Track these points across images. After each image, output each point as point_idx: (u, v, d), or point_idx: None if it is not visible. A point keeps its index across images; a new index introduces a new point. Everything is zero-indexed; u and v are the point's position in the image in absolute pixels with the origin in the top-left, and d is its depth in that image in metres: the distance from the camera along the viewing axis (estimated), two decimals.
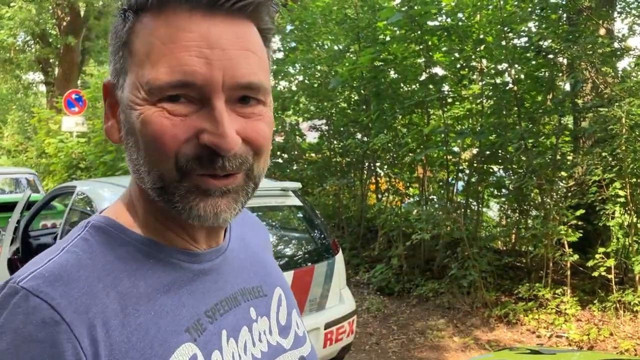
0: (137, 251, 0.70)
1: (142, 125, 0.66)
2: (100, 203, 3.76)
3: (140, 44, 0.67)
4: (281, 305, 0.89)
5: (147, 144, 0.66)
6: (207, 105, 0.65)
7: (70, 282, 0.63)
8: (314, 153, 9.40)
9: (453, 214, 6.30)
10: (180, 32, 0.65)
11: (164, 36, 0.65)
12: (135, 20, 0.69)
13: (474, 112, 6.92)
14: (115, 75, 0.72)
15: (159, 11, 0.66)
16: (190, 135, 0.65)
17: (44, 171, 13.89)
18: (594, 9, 6.12)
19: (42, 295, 0.61)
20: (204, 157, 0.65)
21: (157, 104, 0.65)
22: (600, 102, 5.51)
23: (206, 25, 0.65)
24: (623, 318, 4.95)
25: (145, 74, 0.66)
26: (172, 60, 0.64)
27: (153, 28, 0.66)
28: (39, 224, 6.98)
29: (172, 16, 0.65)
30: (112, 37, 0.72)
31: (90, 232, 0.71)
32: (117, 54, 0.71)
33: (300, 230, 4.25)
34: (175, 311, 0.69)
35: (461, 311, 5.67)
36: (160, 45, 0.65)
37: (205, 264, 0.76)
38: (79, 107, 12.24)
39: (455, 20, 6.70)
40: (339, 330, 3.78)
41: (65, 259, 0.66)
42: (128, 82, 0.69)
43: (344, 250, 7.63)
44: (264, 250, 0.95)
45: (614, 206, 5.09)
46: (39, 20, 15.36)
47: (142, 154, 0.67)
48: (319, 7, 8.98)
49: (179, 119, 0.65)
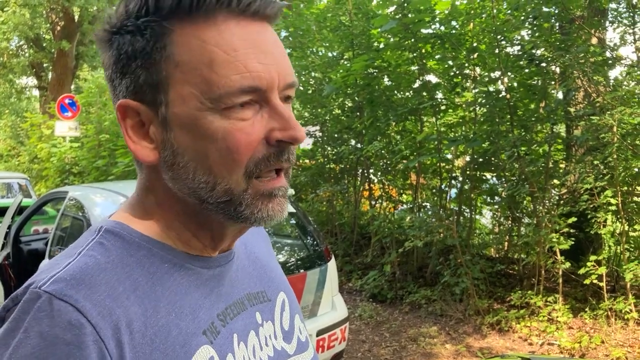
0: (152, 255, 0.71)
1: (212, 140, 0.66)
2: (92, 208, 3.75)
3: (192, 54, 0.66)
4: (284, 310, 0.90)
5: (219, 159, 0.67)
6: (266, 106, 0.68)
7: (93, 285, 0.63)
8: (308, 159, 9.40)
9: (446, 221, 6.31)
10: (237, 39, 0.66)
11: (223, 45, 0.65)
12: (174, 31, 0.66)
13: (467, 120, 6.95)
14: (148, 92, 0.68)
15: (206, 20, 0.66)
16: (260, 137, 0.68)
17: (36, 176, 13.85)
18: (586, 19, 6.16)
19: (66, 298, 0.61)
20: (272, 156, 0.69)
21: (224, 112, 0.66)
22: (592, 111, 5.54)
23: (255, 32, 0.68)
24: (614, 326, 4.96)
25: (212, 82, 0.65)
26: (240, 67, 0.65)
27: (206, 37, 0.66)
28: (30, 229, 6.94)
29: (224, 24, 0.66)
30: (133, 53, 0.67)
31: (105, 237, 0.71)
32: (150, 69, 0.67)
33: (293, 237, 4.24)
34: (193, 314, 0.71)
35: (453, 318, 5.67)
36: (223, 54, 0.65)
37: (215, 269, 0.77)
38: (72, 112, 12.19)
39: (448, 28, 6.73)
40: (331, 337, 3.77)
41: (84, 262, 0.66)
42: (176, 96, 0.67)
43: (337, 256, 7.62)
44: (266, 256, 0.95)
45: (605, 214, 5.12)
46: (33, 24, 15.32)
47: (205, 171, 0.68)
48: (313, 13, 9.01)
49: (249, 124, 0.67)
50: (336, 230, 8.35)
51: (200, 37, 0.66)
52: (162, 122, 0.69)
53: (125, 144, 0.75)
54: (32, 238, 5.39)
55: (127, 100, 0.70)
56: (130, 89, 0.69)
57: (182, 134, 0.68)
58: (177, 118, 0.67)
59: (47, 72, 19.66)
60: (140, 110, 0.70)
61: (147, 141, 0.71)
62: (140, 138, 0.71)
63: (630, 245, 5.74)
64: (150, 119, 0.70)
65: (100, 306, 0.62)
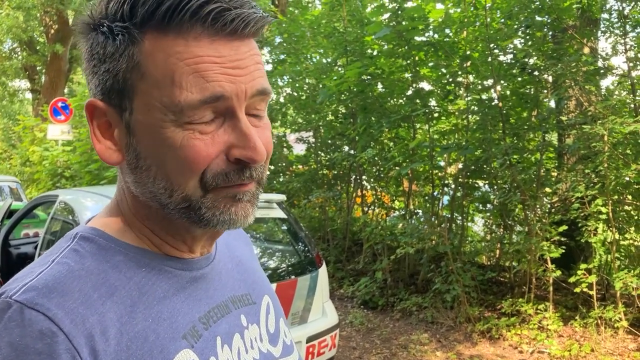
0: (129, 260, 0.70)
1: (170, 148, 0.66)
2: (83, 212, 3.72)
3: (157, 67, 0.66)
4: (269, 313, 0.90)
5: (175, 167, 0.67)
6: (231, 119, 0.67)
7: (65, 293, 0.62)
8: (301, 165, 9.40)
9: (438, 228, 6.32)
10: (205, 55, 0.65)
11: (189, 59, 0.65)
12: (144, 41, 0.66)
13: (460, 127, 6.97)
14: (114, 97, 0.69)
15: (178, 34, 0.65)
16: (219, 151, 0.67)
17: (28, 179, 13.78)
18: (578, 28, 6.21)
19: (37, 307, 0.60)
20: (231, 172, 0.68)
21: (184, 125, 0.65)
22: (583, 120, 5.57)
23: (227, 49, 0.66)
24: (604, 334, 4.97)
25: (174, 96, 0.65)
26: (201, 80, 0.65)
27: (173, 51, 0.65)
28: (20, 232, 6.90)
29: (194, 40, 0.65)
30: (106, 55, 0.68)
31: (80, 243, 0.70)
32: (117, 75, 0.68)
33: (284, 243, 4.23)
34: (172, 318, 0.70)
35: (444, 326, 5.67)
36: (186, 68, 0.65)
37: (196, 271, 0.77)
38: (65, 116, 12.15)
39: (442, 36, 6.76)
40: (322, 344, 3.76)
41: (57, 270, 0.65)
42: (140, 104, 0.67)
43: (329, 263, 7.61)
44: (249, 259, 0.95)
45: (596, 223, 5.14)
46: (27, 27, 15.31)
47: (164, 178, 0.68)
48: (307, 20, 9.04)
49: (209, 137, 0.66)
50: (328, 237, 8.34)
51: (167, 51, 0.65)
52: (126, 126, 0.69)
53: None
54: (22, 242, 5.35)
55: (95, 100, 0.70)
56: (99, 89, 0.70)
57: (145, 140, 0.68)
58: (141, 125, 0.68)
59: (40, 75, 19.60)
60: (107, 112, 0.70)
61: (112, 142, 0.71)
62: (106, 138, 0.71)
63: (620, 254, 5.76)
64: (116, 122, 0.70)
65: (73, 314, 0.61)
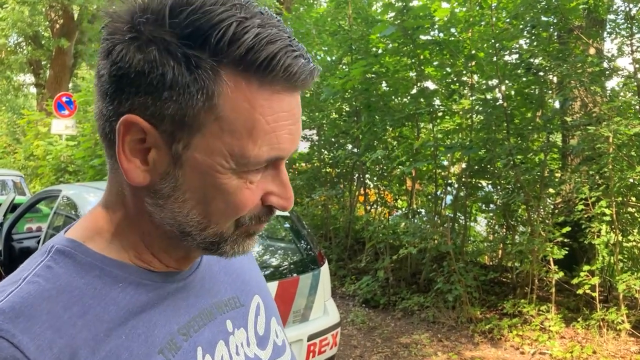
0: (105, 275, 0.68)
1: (221, 192, 0.66)
2: (85, 207, 3.73)
3: (237, 115, 0.63)
4: (259, 314, 0.87)
5: (221, 209, 0.67)
6: (275, 169, 0.69)
7: (33, 317, 0.60)
8: (304, 163, 9.39)
9: (440, 227, 6.31)
10: (280, 111, 0.65)
11: (267, 115, 0.64)
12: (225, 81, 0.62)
13: (464, 127, 6.96)
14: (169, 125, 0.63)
15: (262, 84, 0.63)
16: (259, 197, 0.69)
17: (31, 173, 13.80)
18: (584, 29, 6.18)
19: (2, 333, 0.58)
20: (264, 215, 0.71)
21: (241, 174, 0.66)
22: (588, 121, 5.55)
23: (293, 103, 0.67)
24: (606, 336, 4.96)
25: (245, 148, 0.63)
26: (273, 139, 0.65)
27: (258, 104, 0.63)
28: (23, 226, 6.92)
29: (274, 93, 0.64)
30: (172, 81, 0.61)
31: (54, 258, 0.67)
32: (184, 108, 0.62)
33: (287, 241, 4.23)
34: (148, 333, 0.67)
35: (446, 326, 5.66)
36: (265, 125, 0.64)
37: (177, 283, 0.75)
38: (70, 110, 12.18)
39: (447, 35, 6.74)
40: (323, 342, 3.76)
41: (26, 291, 0.62)
42: (203, 144, 0.63)
43: (331, 261, 7.61)
44: (240, 258, 0.91)
45: (599, 224, 5.12)
46: (32, 21, 15.30)
47: (202, 214, 0.67)
48: (312, 17, 9.02)
49: (254, 185, 0.68)
50: (330, 235, 8.34)
51: (251, 102, 0.63)
52: (173, 156, 0.65)
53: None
54: (24, 236, 5.36)
55: (138, 118, 0.63)
56: (149, 111, 0.63)
57: (194, 177, 0.65)
58: (195, 163, 0.64)
59: (45, 69, 19.65)
60: (150, 134, 0.64)
61: (141, 162, 0.66)
62: (135, 157, 0.65)
63: (623, 256, 5.74)
64: (158, 146, 0.65)
65: (39, 339, 0.59)
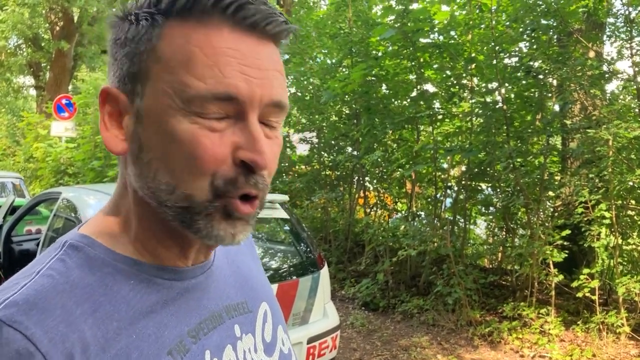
0: (117, 272, 0.68)
1: (175, 141, 0.64)
2: (85, 210, 3.72)
3: (173, 51, 0.64)
4: (267, 321, 0.87)
5: (181, 163, 0.64)
6: (242, 121, 0.65)
7: (46, 310, 0.60)
8: (304, 165, 9.40)
9: (440, 230, 6.31)
10: (224, 47, 0.64)
11: (206, 48, 0.63)
12: (165, 25, 0.65)
13: (464, 130, 6.96)
14: (128, 82, 0.67)
15: (199, 22, 0.64)
16: (227, 152, 0.64)
17: (31, 176, 13.81)
18: (583, 32, 6.19)
19: (15, 325, 0.58)
20: (240, 176, 0.65)
21: (193, 116, 0.63)
22: (588, 124, 5.56)
23: (247, 44, 0.65)
24: (606, 339, 4.96)
25: (186, 82, 0.63)
26: (217, 73, 0.63)
27: (193, 37, 0.64)
28: (23, 229, 6.91)
29: (214, 30, 0.64)
30: (127, 40, 0.67)
31: (68, 253, 0.67)
32: (134, 58, 0.66)
33: (286, 243, 4.23)
34: (158, 333, 0.67)
35: (445, 329, 5.65)
36: (203, 57, 0.63)
37: (189, 281, 0.74)
38: (69, 113, 12.19)
39: (447, 38, 6.75)
40: (322, 345, 3.75)
41: (40, 284, 0.63)
42: (150, 89, 0.66)
43: (330, 264, 7.61)
44: (249, 264, 0.93)
45: (599, 227, 5.12)
46: (32, 24, 15.33)
47: (167, 173, 0.65)
48: (313, 20, 9.03)
49: (217, 135, 0.64)
50: (330, 237, 8.34)
51: (186, 36, 0.64)
52: (135, 113, 0.67)
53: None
54: (24, 238, 5.35)
55: (109, 86, 0.69)
56: (116, 76, 0.69)
57: (151, 129, 0.66)
58: (149, 112, 0.66)
59: (44, 71, 19.66)
60: (120, 99, 0.68)
61: (120, 131, 0.69)
62: (115, 127, 0.69)
63: (623, 259, 5.74)
64: (126, 109, 0.68)
65: (52, 332, 0.59)
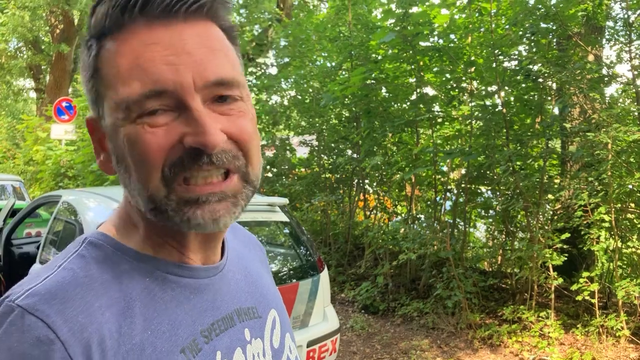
0: (133, 269, 0.70)
1: (128, 145, 0.66)
2: (85, 213, 3.73)
3: (108, 68, 0.67)
4: (275, 327, 0.88)
5: (136, 163, 0.66)
6: (185, 110, 0.65)
7: (67, 301, 0.63)
8: (304, 168, 9.40)
9: (440, 233, 6.31)
10: (142, 45, 0.65)
11: (127, 53, 0.65)
12: (99, 48, 0.68)
13: (463, 133, 6.97)
14: (94, 107, 0.71)
15: (119, 33, 0.67)
16: (174, 141, 0.65)
17: (31, 178, 13.80)
18: (583, 36, 6.20)
19: (37, 313, 0.61)
20: (185, 158, 0.65)
21: (136, 120, 0.65)
22: (587, 127, 5.56)
23: (168, 34, 0.65)
24: (605, 343, 4.95)
25: (119, 92, 0.65)
26: (141, 73, 0.64)
27: (117, 50, 0.67)
28: (22, 232, 6.91)
29: (132, 34, 0.66)
30: (82, 70, 0.71)
31: (87, 249, 0.70)
32: (90, 85, 0.70)
33: (286, 247, 4.23)
34: (172, 330, 0.69)
35: (445, 332, 5.65)
36: (126, 64, 0.65)
37: (202, 280, 0.76)
38: (69, 115, 12.19)
39: (447, 41, 6.76)
40: (322, 349, 3.75)
41: (62, 276, 0.66)
42: (106, 108, 0.68)
43: (330, 267, 7.61)
44: (259, 271, 0.94)
45: (599, 231, 5.12)
46: (32, 26, 15.33)
47: (133, 177, 0.67)
48: (313, 23, 9.05)
49: (161, 129, 0.65)
50: (330, 240, 8.34)
51: (111, 50, 0.67)
52: (105, 133, 0.71)
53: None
54: (23, 241, 5.35)
55: (89, 116, 0.74)
56: (90, 105, 0.73)
57: (115, 144, 0.69)
58: (109, 129, 0.69)
59: (45, 74, 19.65)
60: (97, 125, 0.72)
61: (106, 154, 0.73)
62: (103, 151, 0.73)
63: (623, 262, 5.75)
64: (103, 132, 0.72)
65: (72, 322, 0.61)
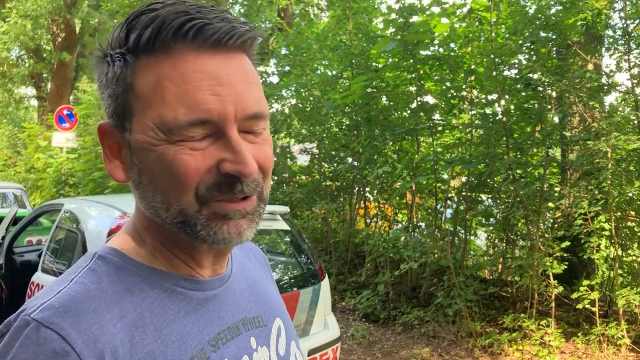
0: (142, 282, 0.73)
1: (163, 164, 0.69)
2: (87, 221, 3.74)
3: (148, 87, 0.69)
4: (280, 335, 0.90)
5: (169, 181, 0.69)
6: (223, 137, 0.69)
7: (80, 313, 0.65)
8: (304, 176, 9.41)
9: (440, 241, 6.31)
10: (191, 72, 0.68)
11: (176, 78, 0.68)
12: (136, 63, 0.70)
13: (464, 141, 6.98)
14: (117, 119, 0.73)
15: (166, 55, 0.68)
16: (211, 165, 0.69)
17: (32, 186, 13.81)
18: (582, 45, 6.23)
19: (52, 326, 0.63)
20: (224, 184, 0.69)
21: (177, 142, 0.68)
22: (587, 136, 5.58)
23: (214, 64, 0.69)
24: (606, 351, 4.95)
25: (163, 115, 0.68)
26: (189, 100, 0.67)
27: (162, 71, 0.68)
28: (24, 240, 6.91)
29: (180, 57, 0.68)
30: (108, 81, 0.72)
31: (98, 263, 0.73)
32: (118, 98, 0.72)
33: (287, 255, 4.24)
34: (181, 340, 0.72)
35: (446, 340, 5.65)
36: (174, 88, 0.68)
37: (208, 292, 0.78)
38: (70, 123, 12.23)
39: (447, 50, 6.79)
40: (323, 357, 3.75)
41: (74, 290, 0.68)
42: (137, 125, 0.71)
43: (331, 275, 7.60)
44: (263, 280, 0.96)
45: (599, 239, 5.13)
46: (34, 35, 15.41)
47: (161, 192, 0.70)
48: (314, 32, 9.09)
49: (199, 153, 0.69)
50: (331, 249, 8.33)
51: (157, 71, 0.69)
52: (127, 145, 0.73)
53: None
54: (25, 249, 5.35)
55: (104, 123, 0.75)
56: (107, 113, 0.74)
57: (143, 158, 0.71)
58: (138, 144, 0.71)
59: (46, 82, 19.71)
60: (115, 134, 0.74)
61: (120, 161, 0.75)
62: (115, 158, 0.75)
63: (623, 270, 5.75)
64: (122, 142, 0.74)
65: (85, 334, 0.64)
